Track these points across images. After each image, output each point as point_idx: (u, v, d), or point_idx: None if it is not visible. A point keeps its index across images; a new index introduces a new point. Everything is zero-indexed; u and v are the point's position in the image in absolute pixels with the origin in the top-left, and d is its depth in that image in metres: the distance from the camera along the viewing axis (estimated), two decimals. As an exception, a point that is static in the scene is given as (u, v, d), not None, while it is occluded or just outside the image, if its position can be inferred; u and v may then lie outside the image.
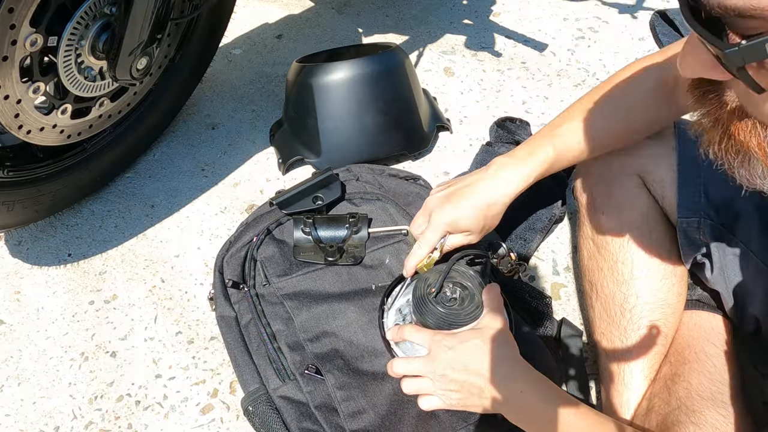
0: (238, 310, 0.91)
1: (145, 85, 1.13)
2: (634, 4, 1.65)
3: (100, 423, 0.91)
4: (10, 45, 0.81)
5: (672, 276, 0.81)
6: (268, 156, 1.28)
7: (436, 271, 0.81)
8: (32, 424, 0.91)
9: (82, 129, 1.04)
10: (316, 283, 0.91)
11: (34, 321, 1.03)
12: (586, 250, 0.88)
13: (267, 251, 0.94)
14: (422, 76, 1.45)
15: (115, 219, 1.17)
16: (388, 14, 1.64)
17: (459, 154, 1.27)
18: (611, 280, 0.83)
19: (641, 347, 0.80)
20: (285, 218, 0.97)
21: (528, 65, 1.47)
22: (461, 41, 1.54)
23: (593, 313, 0.87)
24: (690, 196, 0.77)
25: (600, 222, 0.85)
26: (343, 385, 0.81)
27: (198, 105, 1.38)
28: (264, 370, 0.84)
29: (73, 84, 0.95)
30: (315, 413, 0.80)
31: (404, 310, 0.84)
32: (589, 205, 0.87)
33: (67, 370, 0.97)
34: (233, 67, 1.48)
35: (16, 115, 0.89)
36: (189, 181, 1.23)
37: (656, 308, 0.80)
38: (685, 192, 0.78)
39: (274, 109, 1.37)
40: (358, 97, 1.17)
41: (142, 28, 0.92)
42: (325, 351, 0.84)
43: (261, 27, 1.60)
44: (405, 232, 0.95)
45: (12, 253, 1.12)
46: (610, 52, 1.51)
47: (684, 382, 0.74)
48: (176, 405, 0.93)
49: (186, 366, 0.97)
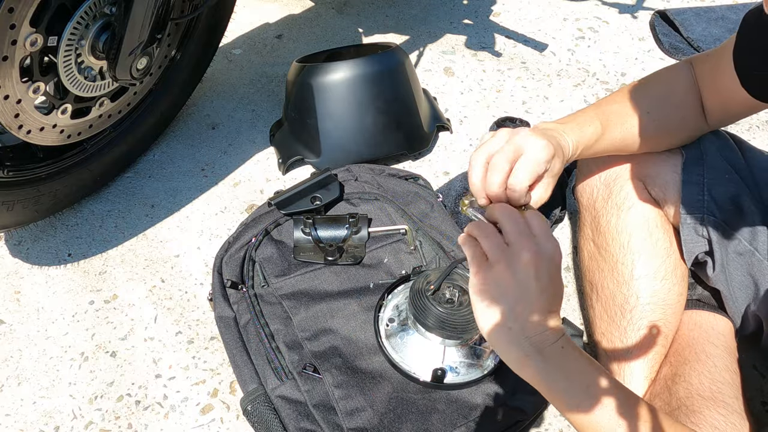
0: (236, 311, 0.91)
1: (145, 85, 1.13)
2: (634, 4, 1.65)
3: (100, 423, 0.91)
4: (10, 45, 0.81)
5: (672, 276, 0.81)
6: (268, 156, 1.28)
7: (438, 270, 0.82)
8: (32, 424, 0.91)
9: (82, 129, 1.04)
10: (315, 283, 0.91)
11: (34, 321, 1.03)
12: (586, 251, 0.88)
13: (265, 252, 0.94)
14: (422, 76, 1.45)
15: (115, 219, 1.17)
16: (388, 14, 1.64)
17: (459, 154, 1.27)
18: (611, 281, 0.83)
19: (641, 347, 0.80)
20: (283, 219, 0.97)
21: (528, 65, 1.47)
22: (461, 41, 1.54)
23: (593, 313, 0.87)
24: (694, 194, 0.77)
25: (600, 223, 0.85)
26: (341, 383, 0.81)
27: (198, 105, 1.38)
28: (262, 369, 0.84)
29: (73, 84, 0.95)
30: (313, 412, 0.80)
31: (401, 307, 0.84)
32: (589, 206, 0.87)
33: (67, 370, 0.97)
34: (233, 67, 1.48)
35: (16, 115, 0.89)
36: (189, 181, 1.23)
37: (656, 309, 0.80)
38: (688, 189, 0.78)
39: (274, 109, 1.37)
40: (358, 97, 1.17)
41: (142, 28, 0.92)
42: (323, 349, 0.84)
43: (261, 27, 1.60)
44: (403, 232, 0.95)
45: (12, 253, 1.11)
46: (610, 52, 1.51)
47: (684, 383, 0.74)
48: (176, 405, 0.93)
49: (186, 366, 0.97)
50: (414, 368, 0.80)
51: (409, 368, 0.80)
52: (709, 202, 0.77)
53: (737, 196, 0.76)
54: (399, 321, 0.84)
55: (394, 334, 0.83)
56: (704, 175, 0.78)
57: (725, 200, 0.76)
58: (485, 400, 0.79)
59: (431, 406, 0.79)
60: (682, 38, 1.51)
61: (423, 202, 1.02)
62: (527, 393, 0.79)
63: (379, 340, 0.82)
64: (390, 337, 0.82)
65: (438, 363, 0.79)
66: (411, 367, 0.80)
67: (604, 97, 0.81)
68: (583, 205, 0.89)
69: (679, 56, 1.47)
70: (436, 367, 0.79)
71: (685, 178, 0.78)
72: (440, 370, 0.79)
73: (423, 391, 0.80)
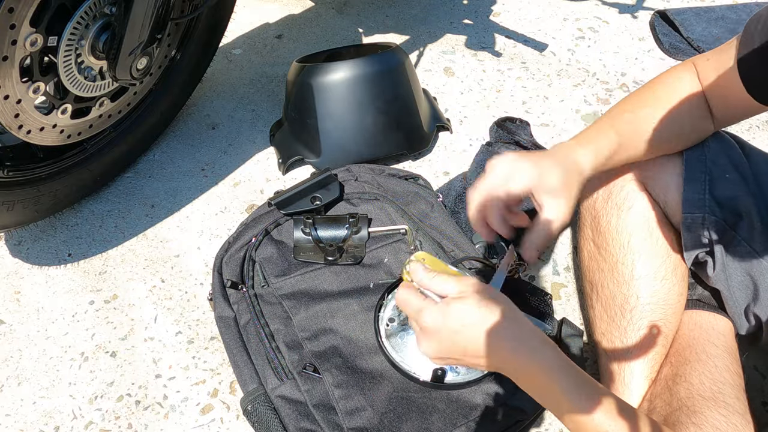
0: (236, 310, 0.91)
1: (145, 85, 1.13)
2: (634, 4, 1.65)
3: (100, 423, 0.91)
4: (10, 45, 0.81)
5: (673, 277, 0.81)
6: (268, 156, 1.28)
7: None
8: (32, 424, 0.91)
9: (82, 129, 1.04)
10: (315, 283, 0.91)
11: (34, 321, 1.03)
12: (586, 251, 0.88)
13: (265, 252, 0.94)
14: (422, 76, 1.45)
15: (115, 219, 1.17)
16: (388, 14, 1.64)
17: (459, 154, 1.27)
18: (612, 281, 0.83)
19: (642, 347, 0.80)
20: (283, 219, 0.97)
21: (528, 65, 1.47)
22: (461, 41, 1.54)
23: (593, 313, 0.87)
24: (695, 193, 0.77)
25: (601, 223, 0.85)
26: (341, 383, 0.81)
27: (198, 105, 1.38)
28: (262, 369, 0.84)
29: (73, 84, 0.95)
30: (313, 412, 0.80)
31: None
32: (589, 206, 0.87)
33: (67, 370, 0.97)
34: (233, 67, 1.48)
35: (16, 115, 0.89)
36: (189, 181, 1.23)
37: (657, 309, 0.80)
38: (690, 188, 0.78)
39: (274, 109, 1.37)
40: (358, 97, 1.17)
41: (142, 28, 0.92)
42: (323, 349, 0.84)
43: (261, 27, 1.60)
44: (403, 232, 0.95)
45: (12, 253, 1.11)
46: (610, 52, 1.51)
47: (685, 383, 0.74)
48: (176, 405, 0.93)
49: (186, 366, 0.97)
50: (414, 368, 0.80)
51: (410, 368, 0.80)
52: (710, 201, 0.77)
53: (738, 197, 0.76)
54: (399, 321, 0.84)
55: (395, 334, 0.83)
56: (706, 175, 0.78)
57: (726, 200, 0.76)
58: (485, 400, 0.79)
59: (431, 405, 0.79)
60: (682, 38, 1.51)
61: (423, 202, 1.02)
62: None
63: (379, 340, 0.82)
64: (390, 336, 0.82)
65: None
66: (411, 367, 0.80)
67: (614, 108, 0.81)
68: (583, 206, 0.89)
69: (679, 56, 1.47)
70: (436, 367, 0.79)
71: (687, 176, 0.78)
72: (440, 369, 0.79)
73: (423, 390, 0.80)
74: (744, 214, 0.75)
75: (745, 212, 0.75)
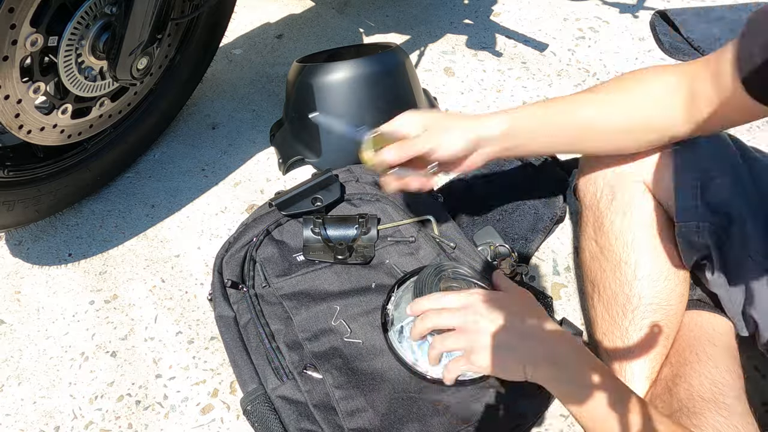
0: (237, 310, 0.91)
1: (145, 85, 1.13)
2: (635, 4, 1.65)
3: (100, 423, 0.91)
4: (11, 45, 0.81)
5: (675, 277, 0.81)
6: (268, 156, 1.28)
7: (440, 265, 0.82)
8: (32, 424, 0.91)
9: (83, 129, 1.04)
10: (315, 283, 0.91)
11: (34, 321, 1.03)
12: (588, 251, 0.88)
13: (266, 252, 0.94)
14: (422, 76, 1.45)
15: (116, 219, 1.16)
16: (388, 14, 1.64)
17: (459, 154, 1.27)
18: (614, 281, 0.83)
19: (643, 348, 0.80)
20: (284, 219, 0.97)
21: (528, 65, 1.47)
22: (461, 41, 1.54)
23: (595, 313, 0.87)
24: (687, 200, 0.77)
25: (604, 223, 0.85)
26: (341, 384, 0.81)
27: (198, 105, 1.38)
28: (262, 369, 0.84)
29: (74, 84, 0.95)
30: (313, 413, 0.80)
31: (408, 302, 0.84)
32: (592, 206, 0.87)
33: (67, 370, 0.97)
34: (233, 67, 1.48)
35: (16, 115, 0.89)
36: (189, 181, 1.23)
37: (659, 309, 0.80)
38: (681, 195, 0.77)
39: (274, 109, 1.37)
40: (358, 97, 1.17)
41: (142, 28, 0.92)
42: (323, 350, 0.84)
43: (261, 27, 1.60)
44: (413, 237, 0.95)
45: (12, 253, 1.11)
46: (610, 52, 1.51)
47: (685, 384, 0.74)
48: (176, 405, 0.93)
49: (186, 366, 0.97)
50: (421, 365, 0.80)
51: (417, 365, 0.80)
52: (703, 208, 0.76)
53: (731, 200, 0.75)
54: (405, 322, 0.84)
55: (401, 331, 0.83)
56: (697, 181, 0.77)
57: (719, 205, 0.76)
58: (486, 404, 0.79)
59: (432, 408, 0.78)
60: (682, 38, 1.51)
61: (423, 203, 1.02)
62: (528, 396, 0.79)
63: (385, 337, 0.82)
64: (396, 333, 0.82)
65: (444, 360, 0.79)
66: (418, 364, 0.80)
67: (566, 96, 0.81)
68: (586, 206, 0.88)
69: (679, 56, 1.47)
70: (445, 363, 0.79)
71: (677, 183, 0.77)
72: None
73: (424, 392, 0.80)
74: (738, 219, 0.75)
75: (738, 216, 0.75)
